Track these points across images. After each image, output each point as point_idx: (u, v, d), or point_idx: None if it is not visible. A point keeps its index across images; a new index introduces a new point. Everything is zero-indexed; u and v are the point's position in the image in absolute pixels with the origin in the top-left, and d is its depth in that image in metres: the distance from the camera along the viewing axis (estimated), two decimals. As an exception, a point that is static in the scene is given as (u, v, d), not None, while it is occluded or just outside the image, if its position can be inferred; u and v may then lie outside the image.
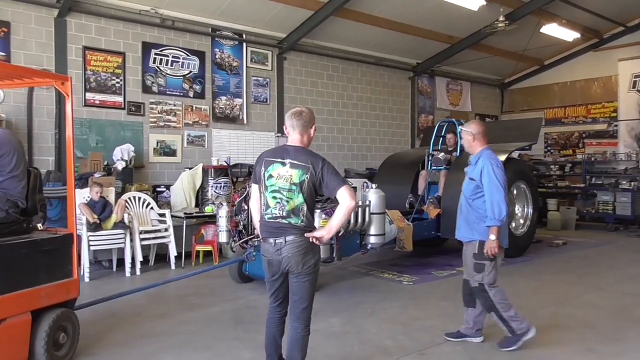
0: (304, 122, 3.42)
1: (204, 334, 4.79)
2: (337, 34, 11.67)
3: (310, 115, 3.47)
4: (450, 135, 9.21)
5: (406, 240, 7.52)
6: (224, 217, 6.55)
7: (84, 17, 8.89)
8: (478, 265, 4.39)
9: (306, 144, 3.46)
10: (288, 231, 3.29)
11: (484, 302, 4.42)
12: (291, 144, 3.43)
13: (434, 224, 8.35)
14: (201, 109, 10.30)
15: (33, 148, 8.43)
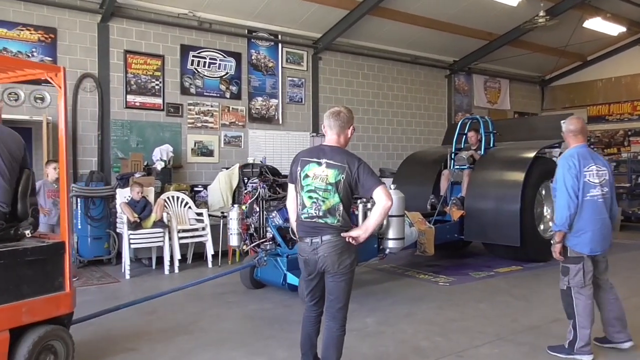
0: (342, 122, 3.41)
1: (239, 331, 4.85)
2: (372, 33, 11.61)
3: (348, 116, 3.45)
4: (472, 133, 8.86)
5: (427, 244, 7.18)
6: (234, 220, 6.28)
7: (125, 22, 9.15)
8: (563, 268, 4.24)
9: (343, 144, 3.45)
10: (324, 231, 3.29)
11: (566, 306, 4.22)
12: (328, 144, 3.43)
13: (457, 227, 7.99)
14: (237, 109, 10.44)
15: (77, 149, 8.74)
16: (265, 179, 6.53)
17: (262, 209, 6.32)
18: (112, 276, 7.20)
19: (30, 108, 8.33)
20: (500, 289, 6.45)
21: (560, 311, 4.43)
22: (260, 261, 5.99)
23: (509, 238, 7.55)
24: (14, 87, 8.21)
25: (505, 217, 7.54)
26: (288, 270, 5.78)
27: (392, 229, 5.94)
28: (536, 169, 7.88)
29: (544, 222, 8.37)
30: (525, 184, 7.62)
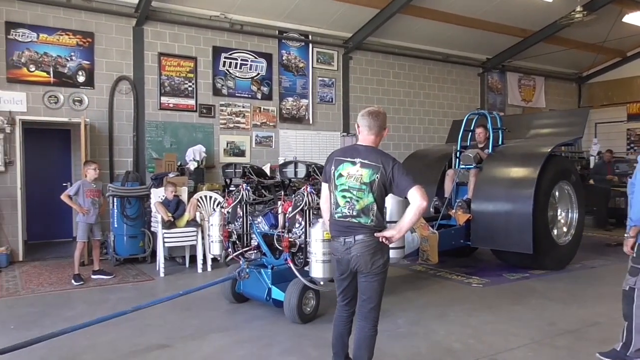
0: (381, 122, 3.39)
1: (272, 329, 4.88)
2: (403, 32, 11.53)
3: (384, 117, 3.44)
4: (480, 130, 8.10)
5: (431, 251, 6.58)
6: (216, 226, 5.73)
7: (159, 25, 9.34)
8: (633, 269, 4.05)
9: (377, 144, 3.43)
10: (357, 230, 3.28)
11: (625, 307, 4.05)
12: (362, 144, 3.42)
13: (463, 232, 7.29)
14: (269, 110, 10.52)
15: (114, 150, 8.97)
16: (249, 181, 5.96)
17: (245, 214, 5.64)
18: (147, 274, 7.35)
19: (69, 110, 8.59)
20: (536, 291, 6.31)
21: (600, 314, 4.32)
22: (242, 273, 5.35)
23: (520, 244, 6.82)
24: (53, 90, 8.48)
25: (517, 222, 6.82)
26: (273, 283, 5.23)
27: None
28: (550, 169, 7.23)
29: (558, 226, 7.71)
30: (538, 185, 6.87)
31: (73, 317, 5.18)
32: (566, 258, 7.58)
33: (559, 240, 7.51)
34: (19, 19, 8.23)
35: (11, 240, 8.13)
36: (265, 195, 6.04)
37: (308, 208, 4.88)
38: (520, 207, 6.83)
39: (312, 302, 5.10)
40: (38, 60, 8.37)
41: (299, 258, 4.92)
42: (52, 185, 9.19)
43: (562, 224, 7.78)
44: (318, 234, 4.48)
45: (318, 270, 4.52)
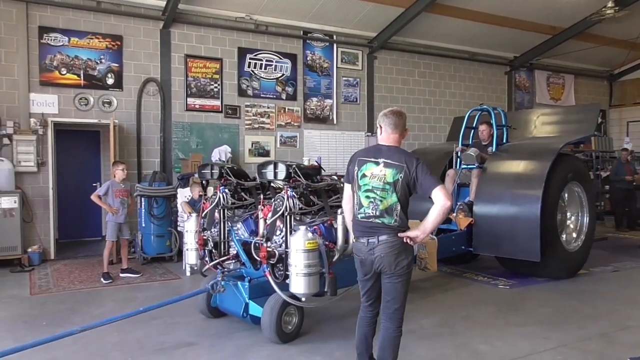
0: (403, 122, 3.40)
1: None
2: (428, 31, 11.43)
3: (405, 117, 3.46)
4: (484, 127, 7.56)
5: (429, 259, 6.12)
6: (191, 232, 5.28)
7: (185, 27, 9.48)
8: None
9: (399, 143, 3.43)
10: (381, 231, 3.27)
11: None
12: (385, 143, 3.41)
13: (465, 237, 6.87)
14: (293, 110, 10.56)
15: (142, 150, 9.13)
16: (227, 182, 5.32)
17: (223, 219, 5.17)
18: (173, 273, 7.46)
19: (98, 112, 8.78)
20: (565, 293, 6.17)
21: (631, 317, 4.21)
22: (216, 286, 4.90)
23: (526, 251, 6.33)
24: (84, 92, 8.68)
25: (523, 226, 6.33)
26: (251, 298, 4.68)
27: None
28: (559, 169, 6.68)
29: (567, 231, 7.13)
30: (547, 186, 6.34)
31: (101, 314, 5.29)
32: (576, 266, 7.06)
33: (569, 247, 6.98)
34: (52, 24, 8.45)
35: (43, 239, 8.35)
36: (245, 199, 5.42)
37: (289, 213, 4.43)
38: (527, 211, 6.33)
39: (294, 319, 4.57)
40: (69, 64, 8.58)
41: (279, 270, 4.40)
42: (82, 185, 9.41)
43: (571, 229, 7.27)
44: (299, 244, 4.09)
45: (298, 285, 4.11)
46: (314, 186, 4.78)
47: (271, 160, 4.78)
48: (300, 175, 4.58)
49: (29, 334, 4.62)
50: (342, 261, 4.70)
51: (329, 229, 4.70)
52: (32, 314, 5.39)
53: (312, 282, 4.13)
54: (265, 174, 4.79)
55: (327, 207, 4.87)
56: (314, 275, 4.15)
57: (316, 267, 4.17)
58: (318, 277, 4.21)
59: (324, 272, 4.30)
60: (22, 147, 8.16)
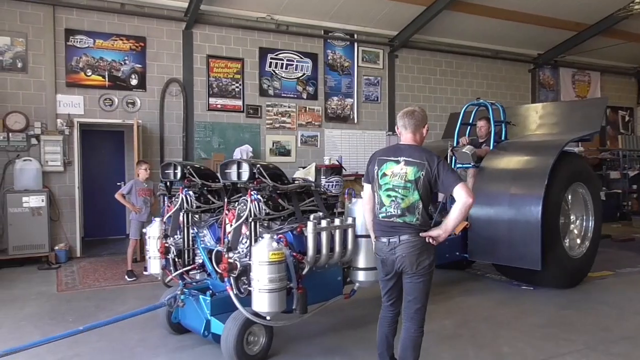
0: (416, 121, 3.38)
1: (313, 329, 4.90)
2: (450, 29, 11.33)
3: (422, 115, 3.43)
4: (483, 123, 7.17)
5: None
6: (154, 239, 4.76)
7: (207, 28, 9.57)
8: None
9: (419, 142, 3.42)
10: (402, 230, 3.26)
11: None
12: (404, 143, 3.41)
13: (459, 242, 6.39)
14: (314, 109, 10.59)
15: (165, 150, 9.25)
16: (192, 184, 4.84)
17: (186, 225, 4.70)
18: (196, 271, 7.53)
19: (122, 112, 8.93)
20: (590, 295, 6.06)
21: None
22: (172, 301, 4.38)
23: (526, 259, 5.81)
24: (108, 93, 8.84)
25: (522, 231, 5.81)
26: (213, 314, 4.13)
27: (363, 255, 4.32)
28: (562, 169, 6.16)
29: (570, 236, 6.58)
30: (548, 187, 5.83)
31: (125, 311, 5.38)
32: (579, 274, 6.49)
33: (572, 253, 6.41)
34: (77, 26, 8.62)
35: (70, 237, 8.53)
36: (213, 202, 4.90)
37: (253, 219, 3.90)
38: (527, 213, 5.81)
39: (261, 339, 4.05)
40: (94, 65, 8.75)
41: (243, 283, 3.85)
42: (106, 185, 9.58)
43: (575, 234, 6.71)
44: (261, 255, 3.58)
45: (261, 302, 3.60)
46: (283, 188, 4.18)
47: (235, 160, 4.27)
48: (266, 176, 4.03)
49: (56, 329, 4.72)
50: (314, 274, 4.17)
51: (298, 237, 4.10)
52: (58, 311, 5.51)
53: (277, 298, 3.61)
54: (228, 175, 4.28)
55: (297, 212, 4.26)
56: (280, 290, 3.63)
57: (282, 282, 3.64)
58: (285, 293, 3.71)
59: (292, 287, 3.85)
60: (49, 147, 8.35)
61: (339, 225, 4.20)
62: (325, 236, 4.09)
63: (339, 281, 4.60)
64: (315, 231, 4.00)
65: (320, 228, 4.07)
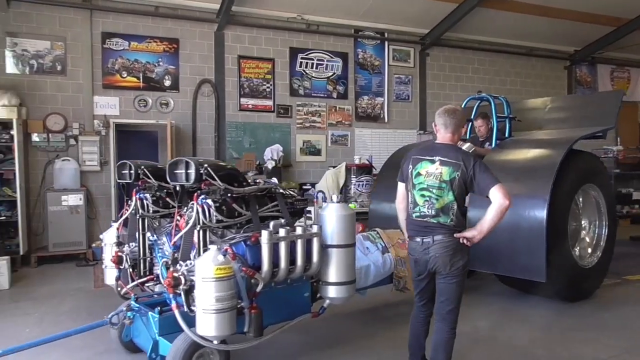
0: (457, 121, 3.34)
1: (343, 328, 4.90)
2: (483, 26, 11.13)
3: (463, 115, 3.40)
4: (480, 122, 6.51)
5: (410, 277, 4.86)
6: (109, 246, 4.36)
7: (239, 29, 9.67)
8: None
9: (456, 142, 3.38)
10: (436, 230, 3.23)
11: None
12: (441, 142, 3.37)
13: None
14: (344, 109, 10.57)
15: (197, 150, 9.39)
16: (147, 186, 4.29)
17: (140, 231, 4.23)
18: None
19: (156, 113, 9.10)
20: (629, 299, 5.87)
21: None
22: (117, 319, 3.94)
23: (529, 270, 5.18)
24: (143, 94, 9.03)
25: (525, 238, 5.16)
26: (162, 334, 3.61)
27: (334, 268, 3.72)
28: (571, 169, 5.51)
29: (581, 244, 5.97)
30: (555, 189, 5.15)
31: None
32: (590, 286, 5.86)
33: (582, 262, 5.77)
34: (113, 29, 8.83)
35: (106, 235, 8.74)
36: (171, 206, 4.27)
37: (202, 227, 3.41)
38: (530, 218, 5.15)
39: None
40: (129, 67, 8.95)
41: (194, 300, 3.27)
42: (141, 184, 9.77)
43: (588, 243, 6.08)
44: (205, 270, 3.07)
45: (206, 324, 3.09)
46: (238, 191, 3.63)
47: (182, 158, 3.68)
48: (216, 177, 3.49)
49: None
50: (274, 290, 3.69)
51: (252, 248, 3.53)
52: (95, 307, 5.63)
53: (225, 320, 3.11)
54: (178, 176, 3.66)
55: (255, 219, 3.69)
56: (228, 311, 3.11)
57: (230, 301, 3.13)
58: (234, 314, 3.19)
59: (243, 307, 3.31)
60: (87, 147, 8.59)
61: (300, 235, 3.58)
62: (284, 247, 3.48)
63: (307, 297, 4.02)
64: (271, 241, 3.40)
65: (278, 238, 3.45)
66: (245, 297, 3.31)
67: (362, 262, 4.65)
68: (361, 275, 4.57)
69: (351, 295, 3.85)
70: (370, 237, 5.07)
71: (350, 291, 3.82)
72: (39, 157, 8.38)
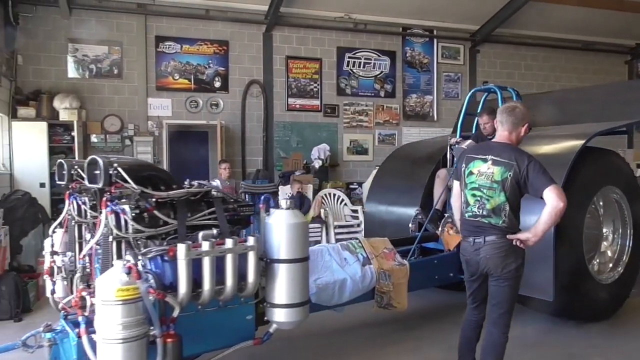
0: (515, 118, 3.24)
1: (391, 330, 4.86)
2: (536, 20, 10.77)
3: (523, 113, 3.26)
4: (486, 119, 5.41)
5: (395, 293, 4.39)
6: (47, 254, 3.76)
7: (287, 30, 9.78)
8: None
9: (514, 142, 3.27)
10: (488, 231, 3.16)
11: None
12: (497, 140, 3.30)
13: (454, 261, 4.75)
14: (392, 107, 10.49)
15: (246, 150, 9.57)
16: (81, 188, 3.62)
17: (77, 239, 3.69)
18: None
19: (206, 113, 9.34)
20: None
21: None
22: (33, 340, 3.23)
23: (534, 286, 4.29)
24: (194, 95, 9.28)
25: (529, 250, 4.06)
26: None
27: (281, 287, 3.22)
28: (587, 169, 4.69)
29: (600, 258, 5.00)
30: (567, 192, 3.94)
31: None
32: (611, 305, 4.96)
33: (600, 277, 4.89)
34: (166, 33, 9.13)
35: (159, 232, 9.04)
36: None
37: (115, 238, 2.93)
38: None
39: None
40: (181, 69, 9.22)
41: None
42: (192, 183, 10.03)
43: (608, 256, 5.13)
44: (106, 291, 2.56)
45: (109, 357, 2.57)
46: (159, 196, 3.06)
47: (95, 157, 3.16)
48: (129, 179, 2.98)
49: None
50: (204, 314, 3.07)
51: (171, 264, 2.91)
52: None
53: (130, 352, 2.59)
54: (96, 177, 3.11)
55: (180, 229, 3.09)
56: (134, 340, 2.60)
57: (137, 329, 2.60)
58: (143, 343, 2.65)
59: (155, 334, 2.72)
60: (141, 147, 8.92)
61: (230, 248, 2.96)
62: (208, 263, 2.89)
63: (249, 321, 3.32)
64: (189, 256, 2.82)
65: (198, 252, 2.86)
66: (157, 324, 2.72)
67: (337, 276, 4.10)
68: (334, 291, 4.04)
69: (303, 319, 3.32)
70: (350, 246, 4.47)
71: (302, 314, 3.28)
72: (97, 157, 8.77)
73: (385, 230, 5.42)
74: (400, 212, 5.74)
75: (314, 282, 3.87)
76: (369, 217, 6.45)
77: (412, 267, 4.54)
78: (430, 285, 5.13)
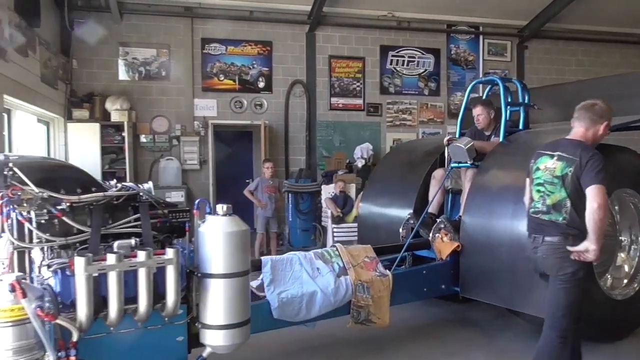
0: (593, 114, 3.15)
1: (434, 331, 4.79)
2: (588, 14, 10.35)
3: (603, 110, 3.16)
4: (479, 110, 5.04)
5: (375, 307, 3.95)
6: None
7: (330, 29, 9.80)
8: None
9: (590, 139, 3.16)
10: (547, 230, 3.10)
11: None
12: (569, 137, 3.22)
13: (447, 271, 4.48)
14: (436, 106, 10.34)
15: (289, 149, 9.65)
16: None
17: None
18: (317, 266, 7.74)
19: (250, 114, 9.48)
20: None
21: None
22: None
23: (533, 302, 3.83)
24: (238, 96, 9.44)
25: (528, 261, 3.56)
26: None
27: (215, 306, 2.91)
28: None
29: (616, 272, 4.43)
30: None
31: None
32: (627, 323, 4.31)
33: (614, 292, 4.26)
34: (212, 35, 9.32)
35: (204, 230, 9.24)
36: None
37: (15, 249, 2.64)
38: None
39: None
40: (226, 70, 9.40)
41: None
42: (237, 181, 10.19)
43: (625, 270, 4.49)
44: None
45: None
46: (69, 200, 2.71)
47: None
48: (28, 181, 2.62)
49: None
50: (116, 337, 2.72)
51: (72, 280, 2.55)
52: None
53: None
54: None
55: (93, 237, 2.71)
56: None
57: (30, 354, 2.36)
58: None
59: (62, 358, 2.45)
60: (188, 147, 9.15)
61: (141, 262, 2.63)
62: (115, 279, 2.57)
63: (180, 343, 2.95)
64: (89, 271, 2.49)
65: (101, 266, 2.53)
66: (50, 349, 2.40)
67: (306, 288, 3.68)
68: (302, 305, 3.61)
69: (242, 341, 2.97)
70: (325, 254, 4.06)
71: (240, 336, 2.93)
72: (146, 157, 9.06)
73: (379, 235, 5.11)
74: (392, 215, 5.29)
75: (278, 295, 3.56)
76: (362, 220, 5.96)
77: (395, 278, 4.08)
78: (418, 298, 4.65)
